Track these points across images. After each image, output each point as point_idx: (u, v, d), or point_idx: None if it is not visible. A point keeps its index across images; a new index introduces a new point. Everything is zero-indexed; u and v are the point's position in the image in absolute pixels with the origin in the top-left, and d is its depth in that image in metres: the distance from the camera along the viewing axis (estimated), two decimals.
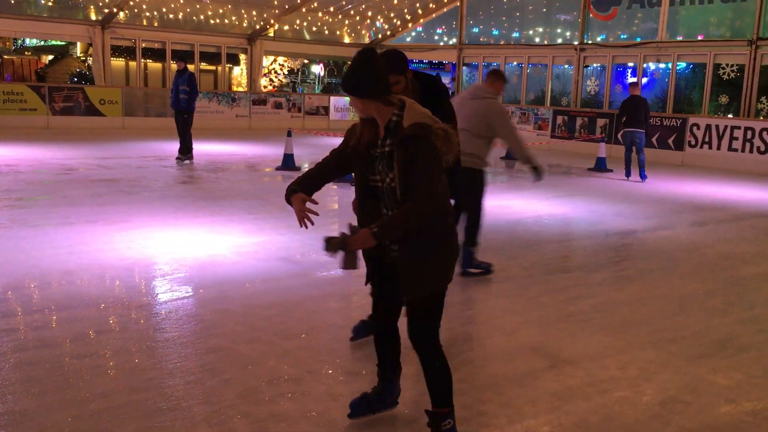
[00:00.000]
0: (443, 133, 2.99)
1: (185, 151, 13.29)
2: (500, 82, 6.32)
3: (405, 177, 2.97)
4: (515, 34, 21.83)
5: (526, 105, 21.04)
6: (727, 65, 16.97)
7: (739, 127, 15.91)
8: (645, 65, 18.65)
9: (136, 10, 20.93)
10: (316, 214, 3.26)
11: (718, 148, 16.19)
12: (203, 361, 4.10)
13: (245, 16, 22.55)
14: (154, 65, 25.62)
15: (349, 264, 3.07)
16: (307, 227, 3.25)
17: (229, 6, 21.79)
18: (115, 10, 20.01)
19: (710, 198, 11.52)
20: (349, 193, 10.95)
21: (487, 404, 3.74)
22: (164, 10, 21.26)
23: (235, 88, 27.00)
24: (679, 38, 17.94)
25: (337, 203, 10.29)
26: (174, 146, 13.98)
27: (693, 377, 4.20)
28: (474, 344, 4.64)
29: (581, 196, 11.10)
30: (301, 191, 3.26)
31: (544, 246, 7.62)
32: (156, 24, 21.56)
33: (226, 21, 22.53)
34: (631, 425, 3.57)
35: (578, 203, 10.43)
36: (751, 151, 15.67)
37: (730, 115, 16.77)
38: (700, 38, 17.56)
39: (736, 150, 15.92)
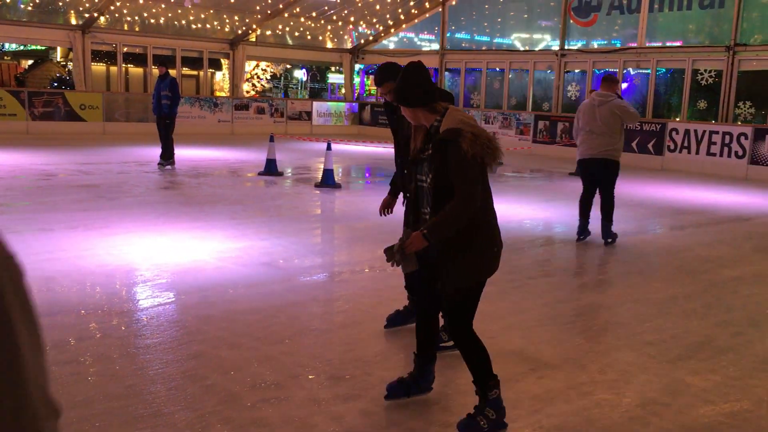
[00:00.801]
0: (472, 136, 3.19)
1: (167, 157, 13.23)
2: (615, 84, 8.08)
3: (437, 177, 3.26)
4: (497, 40, 21.97)
5: (507, 110, 21.18)
6: (705, 71, 17.19)
7: (717, 132, 16.12)
8: (625, 71, 18.84)
9: (116, 15, 20.82)
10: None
11: (697, 152, 16.38)
12: (185, 367, 4.09)
13: (227, 21, 22.51)
14: (135, 70, 25.48)
15: (409, 266, 3.34)
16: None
17: (211, 11, 21.74)
18: (95, 14, 19.89)
19: (689, 202, 11.65)
20: (331, 198, 10.92)
21: (470, 408, 3.76)
22: (145, 14, 21.16)
23: (217, 94, 26.92)
24: (659, 44, 18.15)
25: (319, 208, 10.30)
26: (155, 152, 13.91)
27: (672, 379, 4.25)
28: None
29: (563, 200, 11.18)
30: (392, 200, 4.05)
31: (525, 250, 7.67)
32: (137, 29, 21.45)
33: (208, 26, 22.47)
34: (611, 427, 3.61)
35: (560, 207, 10.51)
36: (729, 155, 15.88)
37: (711, 120, 16.98)
38: (678, 44, 17.77)
39: (714, 154, 16.12)
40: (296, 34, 24.25)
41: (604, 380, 4.17)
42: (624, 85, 18.92)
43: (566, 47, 19.85)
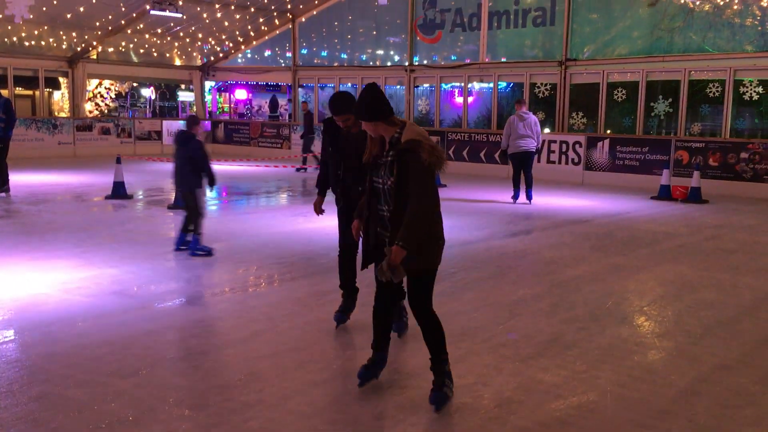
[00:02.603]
0: (429, 147, 3.80)
1: (0, 184, 12.23)
2: (525, 104, 13.27)
3: (399, 180, 3.81)
4: (348, 56, 22.30)
5: None
6: (541, 84, 18.37)
7: (555, 141, 17.27)
8: (470, 85, 19.75)
9: None
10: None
11: (538, 161, 17.43)
12: (26, 411, 3.78)
13: (64, 37, 21.23)
14: None
15: (399, 275, 3.79)
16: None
17: (46, 27, 20.42)
18: None
19: (534, 207, 12.37)
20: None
21: (334, 424, 3.75)
22: None
23: (56, 114, 25.29)
24: (499, 60, 19.17)
25: (173, 231, 9.92)
26: None
27: (525, 377, 4.47)
28: (321, 365, 4.63)
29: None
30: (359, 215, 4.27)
31: None
32: None
33: (43, 43, 21.07)
34: (472, 430, 3.73)
35: None
36: (566, 162, 17.06)
37: (547, 130, 18.15)
38: (517, 60, 18.87)
39: (553, 162, 17.25)
40: (141, 51, 23.30)
41: (464, 385, 4.31)
42: (470, 99, 19.84)
43: (414, 63, 20.52)
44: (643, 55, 16.51)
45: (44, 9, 18.74)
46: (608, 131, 17.23)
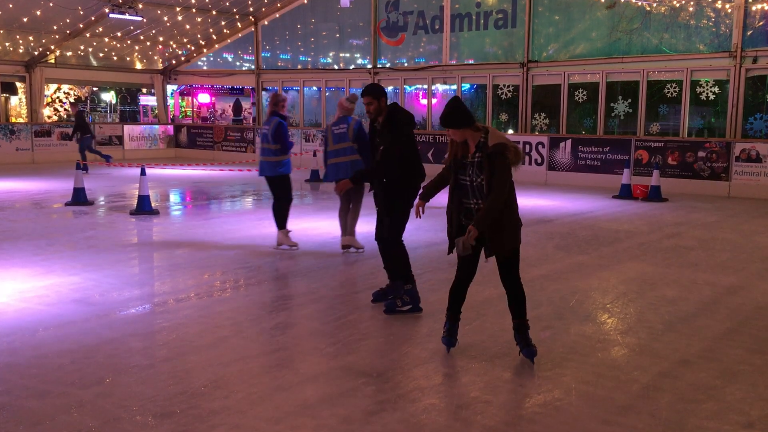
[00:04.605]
0: (514, 149, 4.59)
1: None
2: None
3: (489, 177, 4.53)
4: (312, 59, 22.24)
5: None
6: (504, 86, 18.56)
7: (519, 142, 17.45)
8: (434, 87, 19.85)
9: None
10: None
11: None
12: None
13: (21, 41, 20.79)
14: None
15: (467, 250, 4.57)
16: (419, 216, 5.24)
17: (2, 31, 19.97)
18: None
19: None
20: (149, 225, 10.39)
21: (302, 429, 3.74)
22: None
23: (13, 120, 24.74)
24: (462, 62, 19.31)
25: (136, 237, 9.77)
26: None
27: (492, 377, 4.50)
28: (286, 370, 4.61)
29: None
30: (421, 200, 5.19)
31: (352, 265, 7.79)
32: None
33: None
34: (439, 430, 3.75)
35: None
36: (529, 163, 17.24)
37: (510, 131, 18.33)
38: (479, 62, 19.02)
39: None
40: (101, 54, 22.94)
41: (431, 386, 4.33)
42: (434, 101, 19.94)
43: (378, 65, 20.55)
44: (602, 56, 16.79)
45: (0, 13, 18.33)
46: (570, 132, 17.48)
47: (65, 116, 27.27)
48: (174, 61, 24.57)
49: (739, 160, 14.53)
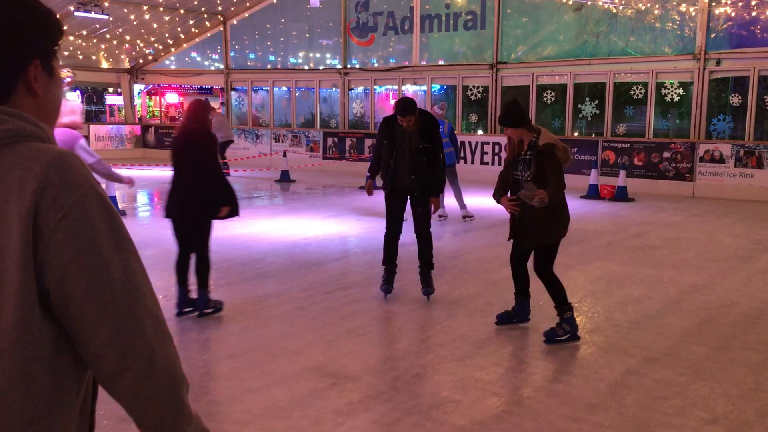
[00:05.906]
0: (563, 148, 5.03)
1: None
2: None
3: (537, 173, 4.96)
4: (282, 59, 22.13)
5: (297, 128, 21.40)
6: (474, 87, 18.67)
7: (488, 143, 17.57)
8: (404, 88, 19.89)
9: None
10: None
11: (473, 162, 17.74)
12: None
13: None
14: None
15: (528, 198, 4.82)
16: (515, 214, 5.25)
17: None
18: None
19: (469, 208, 12.52)
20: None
21: (272, 431, 3.71)
22: None
23: None
24: (439, 62, 19.38)
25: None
26: None
27: (462, 376, 4.52)
28: (256, 372, 4.58)
29: (355, 214, 11.51)
30: (503, 195, 5.36)
31: (322, 265, 7.77)
32: None
33: None
34: (410, 430, 3.75)
35: (353, 221, 10.80)
36: (499, 164, 17.34)
37: (480, 132, 18.44)
38: (444, 62, 19.11)
39: (487, 163, 17.55)
40: (66, 53, 22.55)
41: (401, 386, 4.33)
42: None
43: (348, 66, 20.53)
44: (570, 58, 16.98)
45: None
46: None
47: None
48: (141, 61, 24.26)
49: (703, 160, 14.81)
